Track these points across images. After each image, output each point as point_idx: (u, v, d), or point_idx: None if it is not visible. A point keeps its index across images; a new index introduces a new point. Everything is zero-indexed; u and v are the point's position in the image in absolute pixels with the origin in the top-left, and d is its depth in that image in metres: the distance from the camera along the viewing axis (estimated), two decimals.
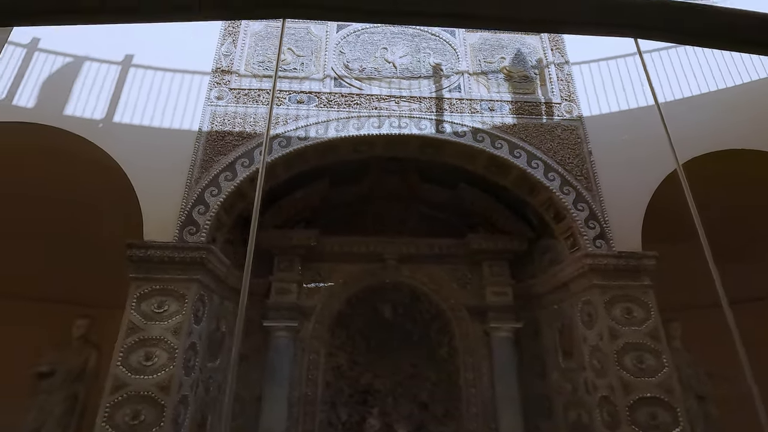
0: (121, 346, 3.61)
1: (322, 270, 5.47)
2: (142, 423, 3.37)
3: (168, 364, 3.58)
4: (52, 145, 4.65)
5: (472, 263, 5.53)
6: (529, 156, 4.66)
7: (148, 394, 3.46)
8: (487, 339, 5.20)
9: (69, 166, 4.93)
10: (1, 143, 4.38)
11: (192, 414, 3.82)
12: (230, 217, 4.56)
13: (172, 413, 3.44)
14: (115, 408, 3.42)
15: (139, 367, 3.55)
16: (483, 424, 4.79)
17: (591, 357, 4.16)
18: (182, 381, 3.61)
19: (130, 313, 3.73)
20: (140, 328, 3.69)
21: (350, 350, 5.56)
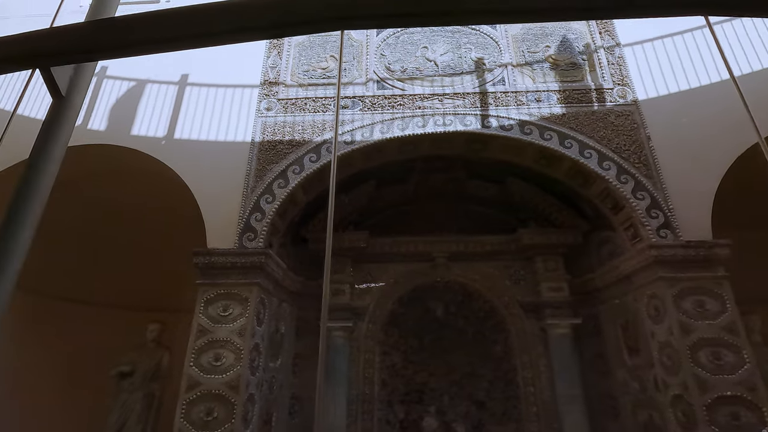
0: (192, 347, 3.86)
1: (373, 271, 5.55)
2: (215, 419, 3.59)
3: (235, 364, 3.78)
4: (122, 164, 5.06)
5: (524, 259, 5.40)
6: (581, 146, 4.49)
7: (219, 393, 3.68)
8: (544, 336, 5.05)
9: (138, 182, 5.34)
10: (78, 164, 4.82)
11: (258, 411, 4.02)
12: (284, 222, 4.74)
13: (241, 410, 3.63)
14: (191, 405, 3.66)
15: (209, 367, 3.78)
16: (545, 424, 4.66)
17: (660, 353, 3.94)
18: (249, 380, 3.80)
19: (198, 316, 3.98)
20: (208, 331, 3.92)
21: (404, 349, 5.60)
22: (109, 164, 5.07)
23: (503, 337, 5.32)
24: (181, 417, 3.61)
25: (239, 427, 3.59)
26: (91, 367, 6.14)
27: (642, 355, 4.26)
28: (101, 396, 5.83)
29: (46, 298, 6.02)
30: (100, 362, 5.95)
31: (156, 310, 6.50)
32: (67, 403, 6.12)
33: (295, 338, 5.16)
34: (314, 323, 5.24)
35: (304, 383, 5.00)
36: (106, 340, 6.31)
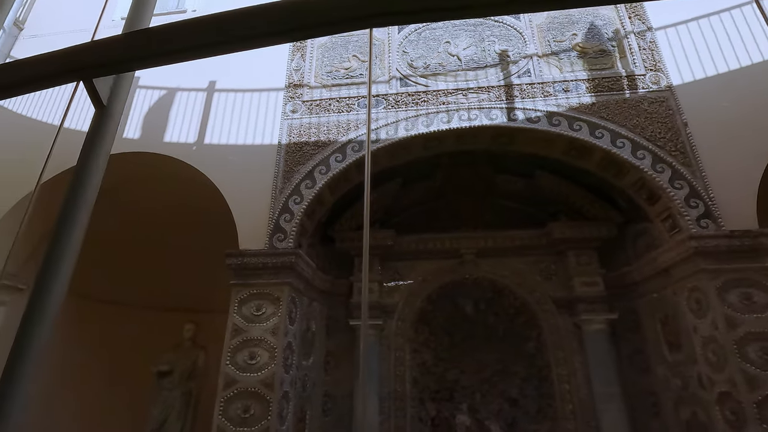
0: (228, 346, 3.96)
1: (401, 269, 5.55)
2: (252, 416, 3.68)
3: (269, 363, 3.86)
4: (156, 170, 5.24)
5: (555, 254, 5.27)
6: (612, 135, 4.35)
7: (255, 390, 3.77)
8: (578, 332, 4.92)
9: (172, 188, 5.53)
10: (116, 172, 5.02)
11: (293, 409, 4.09)
12: (312, 222, 4.81)
13: (277, 408, 3.71)
14: (228, 403, 3.76)
15: (245, 366, 3.87)
16: (582, 422, 4.55)
17: (704, 349, 3.77)
18: (283, 378, 3.88)
19: (233, 316, 4.08)
20: (243, 330, 4.02)
21: (434, 347, 5.57)
22: (144, 171, 5.26)
23: (535, 333, 5.22)
24: (219, 414, 3.72)
25: (275, 424, 3.66)
26: (131, 365, 6.41)
27: (684, 350, 4.09)
28: (141, 392, 6.08)
29: (90, 301, 6.30)
30: (139, 360, 6.20)
31: (191, 310, 6.72)
32: (111, 400, 6.40)
33: (326, 337, 5.23)
34: (344, 321, 5.29)
35: (336, 381, 5.06)
36: (144, 339, 6.57)
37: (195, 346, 5.96)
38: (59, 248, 1.57)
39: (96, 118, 1.81)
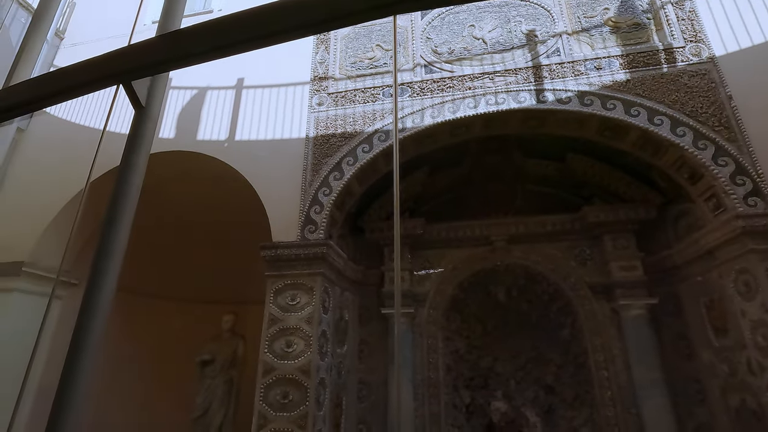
0: (265, 335, 4.11)
1: (431, 257, 5.55)
2: (291, 402, 3.81)
3: (306, 350, 3.98)
4: (191, 168, 5.44)
5: (591, 238, 5.13)
6: (649, 112, 4.16)
7: (292, 377, 3.90)
8: (617, 318, 4.78)
9: (206, 184, 5.73)
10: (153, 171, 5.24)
11: (329, 395, 4.21)
12: (342, 213, 4.87)
13: (314, 393, 3.83)
14: (268, 389, 3.91)
15: (282, 354, 4.01)
16: (622, 409, 4.44)
17: (753, 333, 3.59)
18: (319, 365, 3.99)
19: (269, 306, 4.22)
20: (279, 319, 4.15)
21: (467, 334, 5.57)
22: (181, 169, 5.47)
23: (570, 320, 5.12)
24: (260, 400, 3.88)
25: (313, 409, 3.78)
26: (175, 356, 6.75)
27: (731, 335, 3.91)
28: (186, 382, 6.39)
29: (137, 296, 6.66)
30: (183, 352, 6.52)
31: (229, 302, 6.98)
32: (158, 389, 6.78)
33: (359, 325, 5.32)
34: (376, 310, 5.36)
35: (370, 368, 5.15)
36: (187, 331, 6.90)
37: (234, 336, 6.20)
38: (108, 245, 1.67)
39: (136, 119, 1.90)
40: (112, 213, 1.77)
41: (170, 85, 5.54)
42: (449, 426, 4.87)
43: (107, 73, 1.86)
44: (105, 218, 1.74)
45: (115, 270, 1.65)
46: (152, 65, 1.81)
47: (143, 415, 6.49)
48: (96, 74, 1.88)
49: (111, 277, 1.62)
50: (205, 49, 1.69)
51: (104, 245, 1.69)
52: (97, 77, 1.88)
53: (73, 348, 1.45)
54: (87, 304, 1.53)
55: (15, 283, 4.92)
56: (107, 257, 1.65)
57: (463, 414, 5.16)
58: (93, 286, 1.57)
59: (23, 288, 4.98)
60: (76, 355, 1.45)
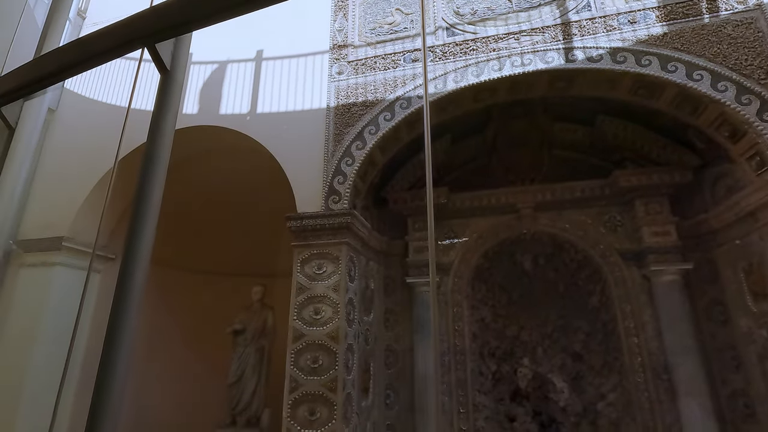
0: (294, 303, 4.21)
1: (455, 227, 5.50)
2: (321, 366, 3.93)
3: (333, 317, 4.06)
4: (215, 143, 5.50)
5: (622, 203, 4.96)
6: (688, 67, 3.91)
7: (322, 343, 4.00)
8: (648, 284, 4.67)
9: (231, 159, 5.80)
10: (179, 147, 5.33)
11: (357, 360, 4.31)
12: (365, 184, 4.86)
13: (343, 358, 3.92)
14: (298, 354, 4.04)
15: (311, 320, 4.11)
16: (653, 375, 4.38)
17: None
18: (347, 331, 4.07)
19: (296, 275, 4.30)
20: (306, 288, 4.24)
21: (492, 304, 5.56)
22: (205, 144, 5.54)
23: (599, 287, 5.02)
24: (291, 365, 4.01)
25: (342, 373, 3.89)
26: (209, 327, 7.02)
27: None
28: (219, 351, 6.66)
29: (171, 269, 6.91)
30: (215, 323, 6.77)
31: (258, 275, 7.17)
32: (193, 359, 7.10)
33: (384, 295, 5.38)
34: (401, 281, 5.40)
35: (397, 336, 5.23)
36: (219, 303, 7.14)
37: (264, 307, 6.39)
38: (140, 218, 1.69)
39: (161, 83, 1.91)
40: (144, 177, 1.79)
41: (191, 60, 5.55)
42: (475, 392, 4.93)
43: (131, 37, 1.86)
44: (137, 183, 1.77)
45: (148, 242, 1.67)
46: (174, 26, 1.81)
47: (180, 382, 6.84)
48: (120, 39, 1.89)
49: (145, 250, 1.64)
50: (226, 5, 1.67)
51: (138, 210, 1.72)
52: (122, 42, 1.89)
53: (113, 318, 1.51)
54: (123, 277, 1.57)
55: (56, 258, 5.17)
56: (140, 231, 1.66)
57: (489, 380, 5.21)
58: (128, 260, 1.60)
59: (65, 262, 5.23)
60: (115, 325, 1.50)
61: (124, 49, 1.91)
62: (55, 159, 5.66)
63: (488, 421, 4.86)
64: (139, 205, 1.72)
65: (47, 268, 5.16)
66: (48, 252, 5.19)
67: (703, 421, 4.02)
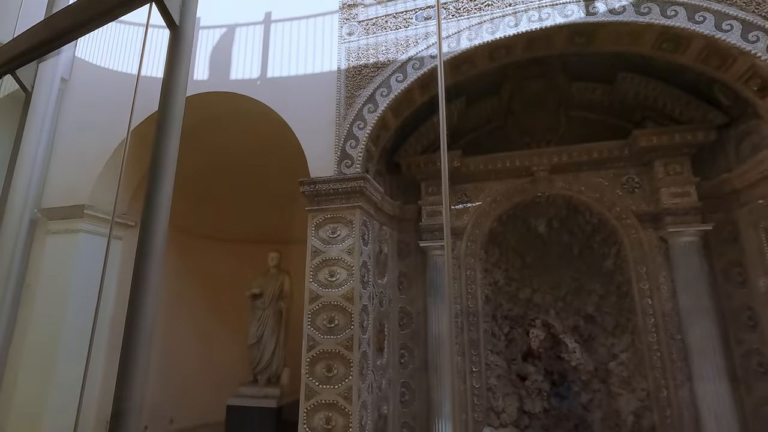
0: (309, 266, 4.29)
1: (469, 190, 5.47)
2: (337, 326, 4.05)
3: (348, 280, 4.14)
4: (227, 109, 5.49)
5: (640, 165, 4.84)
6: (717, 17, 3.70)
7: (337, 304, 4.10)
8: (664, 246, 4.61)
9: (244, 125, 5.80)
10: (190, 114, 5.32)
11: (372, 321, 4.42)
12: (377, 148, 4.82)
13: (358, 318, 4.03)
14: (315, 315, 4.16)
15: (326, 282, 4.20)
16: (666, 335, 4.41)
17: None
18: (361, 293, 4.16)
19: (311, 239, 4.37)
20: (321, 251, 4.31)
21: (505, 267, 5.59)
22: (218, 111, 5.53)
23: (615, 250, 4.99)
24: (308, 324, 4.14)
25: (358, 332, 4.00)
26: (229, 292, 7.25)
27: None
28: (239, 314, 6.91)
29: (192, 237, 7.09)
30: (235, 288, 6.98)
31: (273, 242, 7.31)
32: (216, 323, 7.37)
33: (397, 258, 5.45)
34: (414, 245, 5.44)
35: (410, 299, 5.33)
36: (237, 269, 7.34)
37: (280, 272, 6.56)
38: (156, 178, 1.70)
39: (171, 40, 1.89)
40: (159, 138, 1.81)
41: (199, 25, 5.47)
42: (488, 352, 5.04)
43: None
44: (153, 145, 1.78)
45: (165, 208, 1.68)
46: None
47: (203, 344, 7.15)
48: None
49: (162, 216, 1.65)
50: None
51: (154, 172, 1.74)
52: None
53: (136, 282, 1.55)
54: (143, 243, 1.59)
55: (80, 225, 5.33)
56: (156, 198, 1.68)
57: (501, 341, 5.31)
58: (146, 226, 1.60)
59: (88, 229, 5.40)
60: (138, 287, 1.54)
61: (133, 3, 1.89)
62: (71, 128, 5.74)
63: (500, 380, 4.99)
64: (155, 167, 1.74)
65: (71, 235, 5.34)
66: (71, 219, 5.36)
67: (715, 379, 4.05)
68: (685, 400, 4.24)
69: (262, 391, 5.99)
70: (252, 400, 5.95)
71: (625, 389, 4.58)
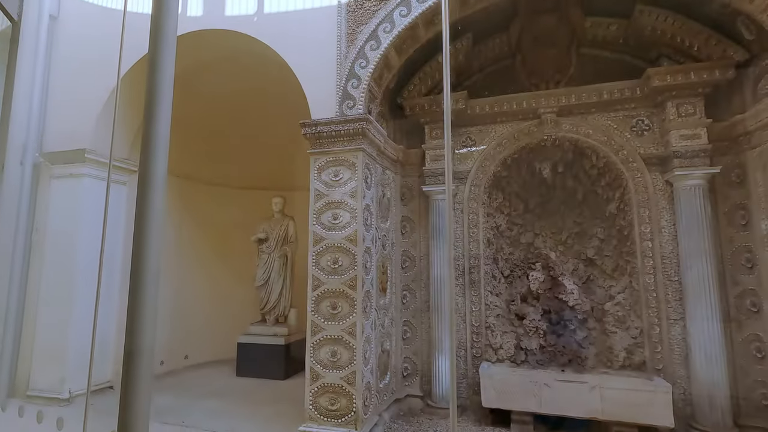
0: (313, 209, 4.32)
1: (473, 134, 5.37)
2: (340, 266, 4.14)
3: (351, 222, 4.18)
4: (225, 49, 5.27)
5: (652, 106, 4.69)
6: None
7: (341, 245, 4.17)
8: (669, 190, 4.59)
9: (242, 67, 5.60)
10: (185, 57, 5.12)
11: (375, 263, 4.52)
12: (380, 88, 4.68)
13: (361, 259, 4.12)
14: (318, 256, 4.24)
15: (330, 225, 4.25)
16: (664, 277, 4.50)
17: None
18: (364, 235, 4.22)
19: (313, 182, 4.36)
20: (324, 194, 4.32)
21: (507, 212, 5.60)
22: (214, 51, 5.32)
23: (619, 194, 4.96)
24: (313, 265, 4.24)
25: (361, 273, 4.11)
26: (233, 237, 7.37)
27: None
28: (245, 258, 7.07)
29: (193, 182, 7.09)
30: (240, 232, 7.09)
31: (276, 188, 7.32)
32: (222, 264, 7.55)
33: (400, 203, 5.46)
34: (417, 189, 5.43)
35: (413, 243, 5.41)
36: (241, 215, 7.41)
37: (284, 217, 6.63)
38: (154, 129, 1.60)
39: None
40: (152, 73, 1.72)
41: None
42: (488, 293, 5.19)
43: None
44: (146, 84, 1.70)
45: (163, 150, 1.59)
46: None
47: (212, 287, 7.38)
48: None
49: (160, 160, 1.57)
50: None
51: (149, 113, 1.66)
52: None
53: (138, 225, 1.51)
54: (143, 186, 1.54)
55: (83, 169, 5.33)
56: (153, 141, 1.60)
57: (501, 283, 5.45)
58: (145, 170, 1.54)
59: (91, 174, 5.40)
60: (141, 233, 1.51)
61: None
62: (66, 69, 5.57)
63: (499, 319, 5.18)
64: (150, 105, 1.65)
65: (75, 179, 5.36)
66: (73, 164, 5.35)
67: (708, 318, 4.17)
68: (676, 338, 4.41)
69: (271, 330, 6.28)
70: (261, 338, 6.25)
71: (620, 328, 4.75)
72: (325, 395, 4.01)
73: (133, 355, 1.38)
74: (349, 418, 3.90)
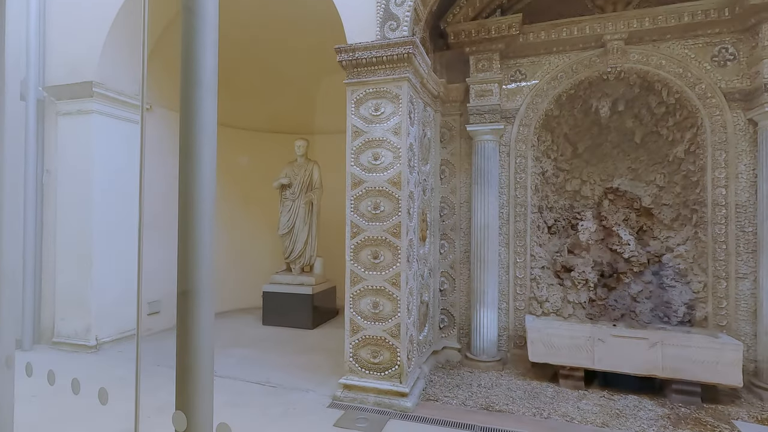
0: (350, 148, 3.86)
1: (524, 66, 4.75)
2: (382, 212, 3.75)
3: (394, 163, 3.73)
4: None
5: (740, 31, 4.03)
6: None
7: (382, 189, 3.75)
8: (752, 130, 4.04)
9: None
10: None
11: (417, 209, 4.12)
12: (425, 8, 4.04)
13: (405, 205, 3.71)
14: (357, 201, 3.84)
15: (370, 166, 3.80)
16: (737, 228, 4.06)
17: None
18: (408, 178, 3.78)
19: (350, 117, 3.86)
20: (363, 131, 3.83)
21: (554, 156, 5.10)
22: None
23: (690, 135, 4.42)
24: (351, 211, 3.84)
25: (405, 219, 3.71)
26: (255, 181, 6.98)
27: None
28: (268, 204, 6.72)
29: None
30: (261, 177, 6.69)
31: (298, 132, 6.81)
32: (244, 210, 7.22)
33: (440, 145, 4.97)
34: (458, 129, 4.92)
35: (452, 189, 4.98)
36: (261, 158, 6.97)
37: (308, 161, 6.18)
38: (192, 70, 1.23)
39: None
40: None
41: None
42: (533, 243, 4.81)
43: None
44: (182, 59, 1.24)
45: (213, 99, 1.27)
46: None
47: (233, 233, 7.09)
48: None
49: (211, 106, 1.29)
50: None
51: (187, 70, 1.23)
52: None
53: (186, 156, 1.26)
54: (185, 137, 1.25)
55: (91, 105, 4.85)
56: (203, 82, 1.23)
57: (545, 234, 5.06)
58: (187, 117, 1.24)
59: (100, 110, 4.92)
60: (192, 161, 1.27)
61: None
62: None
63: (544, 271, 4.84)
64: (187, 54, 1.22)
65: (84, 116, 4.90)
66: (81, 99, 4.86)
67: None
68: (744, 293, 4.05)
69: (297, 279, 6.04)
70: (288, 286, 6.02)
71: (679, 281, 4.39)
72: (367, 347, 3.76)
73: (187, 296, 1.15)
74: (393, 371, 3.68)
